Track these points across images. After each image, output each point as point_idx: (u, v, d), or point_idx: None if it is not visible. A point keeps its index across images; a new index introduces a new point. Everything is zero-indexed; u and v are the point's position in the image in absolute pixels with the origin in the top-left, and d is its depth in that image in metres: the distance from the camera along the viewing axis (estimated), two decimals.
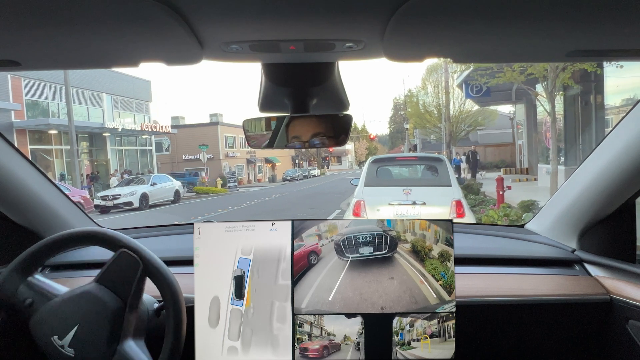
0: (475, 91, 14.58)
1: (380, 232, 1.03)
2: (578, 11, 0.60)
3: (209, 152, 30.48)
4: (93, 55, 0.77)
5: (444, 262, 1.02)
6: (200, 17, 0.63)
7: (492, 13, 0.61)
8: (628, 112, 1.09)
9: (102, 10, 0.59)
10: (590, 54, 0.79)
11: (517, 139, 21.51)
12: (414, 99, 28.08)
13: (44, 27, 0.63)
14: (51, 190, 1.39)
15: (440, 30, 0.67)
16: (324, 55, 0.85)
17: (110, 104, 23.45)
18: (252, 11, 0.62)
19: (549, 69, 6.79)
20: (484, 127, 28.82)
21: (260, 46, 0.76)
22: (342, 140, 0.98)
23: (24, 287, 0.94)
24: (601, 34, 0.69)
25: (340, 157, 58.96)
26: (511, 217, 7.01)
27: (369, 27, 0.68)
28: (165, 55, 0.77)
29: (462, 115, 25.72)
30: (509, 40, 0.72)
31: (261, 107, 1.06)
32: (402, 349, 1.02)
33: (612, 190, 1.17)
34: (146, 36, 0.68)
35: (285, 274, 1.02)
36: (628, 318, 1.10)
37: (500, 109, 28.00)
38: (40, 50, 0.73)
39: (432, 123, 26.73)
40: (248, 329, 1.01)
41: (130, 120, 24.46)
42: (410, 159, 6.81)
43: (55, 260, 1.40)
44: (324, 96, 1.01)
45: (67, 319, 0.89)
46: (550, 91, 6.88)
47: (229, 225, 1.03)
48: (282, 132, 0.97)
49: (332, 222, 1.04)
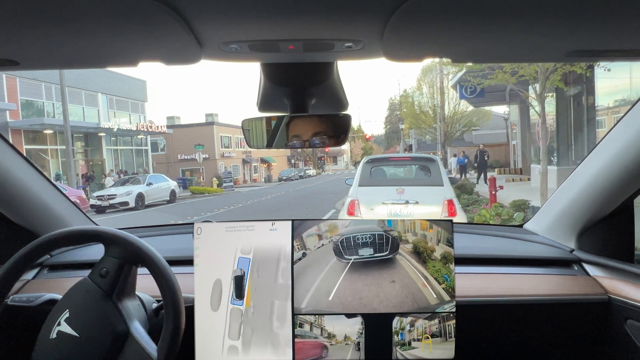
0: (470, 92, 14.61)
1: (382, 232, 1.01)
2: (576, 12, 0.61)
3: (205, 152, 30.32)
4: (92, 54, 0.77)
5: (447, 264, 1.00)
6: (199, 16, 0.63)
7: (491, 13, 0.61)
8: (626, 112, 1.09)
9: (101, 9, 0.58)
10: (588, 54, 0.79)
11: (511, 139, 21.64)
12: (410, 99, 28.24)
13: (42, 27, 0.63)
14: (49, 189, 1.38)
15: (439, 30, 0.67)
16: (323, 55, 0.85)
17: (105, 103, 23.38)
18: (251, 11, 0.62)
19: (539, 71, 6.91)
20: (479, 127, 28.94)
21: (260, 46, 0.76)
22: (342, 140, 0.97)
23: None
24: (599, 34, 0.69)
25: (336, 157, 59.03)
26: (503, 216, 7.16)
27: (368, 27, 0.68)
28: (164, 55, 0.77)
29: (457, 116, 25.84)
30: (507, 40, 0.73)
31: (260, 107, 1.06)
32: (402, 349, 1.01)
33: (610, 190, 1.17)
34: (145, 36, 0.68)
35: (285, 273, 1.01)
36: (626, 318, 1.10)
37: (494, 110, 28.15)
38: (39, 49, 0.72)
39: (428, 123, 26.83)
40: (248, 329, 1.01)
41: (125, 120, 24.38)
42: (403, 159, 6.94)
43: (53, 260, 1.39)
44: (323, 96, 1.01)
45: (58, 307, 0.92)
46: (539, 93, 7.00)
47: (229, 225, 1.03)
48: (282, 132, 0.97)
49: (333, 222, 1.03)
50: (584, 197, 1.25)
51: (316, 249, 1.01)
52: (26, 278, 1.32)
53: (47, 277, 1.35)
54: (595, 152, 1.21)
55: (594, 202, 1.23)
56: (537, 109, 7.50)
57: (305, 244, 1.02)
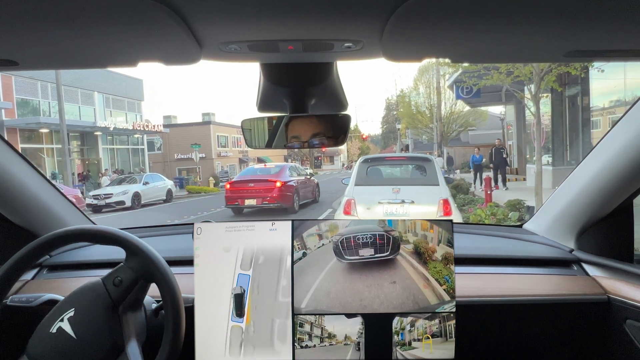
0: (466, 92, 14.60)
1: (382, 232, 1.00)
2: (576, 12, 0.61)
3: (202, 152, 30.26)
4: (91, 55, 0.77)
5: (447, 265, 1.00)
6: (198, 17, 0.63)
7: (491, 13, 0.61)
8: (626, 112, 1.08)
9: (101, 10, 0.58)
10: (588, 54, 0.79)
11: (507, 139, 21.72)
12: (406, 99, 28.24)
13: (42, 27, 0.63)
14: (48, 189, 1.37)
15: (439, 31, 0.67)
16: (323, 55, 0.85)
17: (102, 102, 23.27)
18: (251, 11, 0.62)
19: (534, 72, 6.96)
20: (475, 127, 28.98)
21: (259, 46, 0.76)
22: (341, 140, 0.97)
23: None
24: (599, 35, 0.69)
25: (333, 156, 59.00)
26: (498, 215, 7.22)
27: (367, 27, 0.68)
28: (163, 55, 0.77)
29: (453, 116, 25.87)
30: (507, 41, 0.73)
31: (260, 107, 1.05)
32: (402, 349, 1.00)
33: (610, 190, 1.17)
34: (144, 36, 0.68)
35: (286, 274, 1.01)
36: (626, 317, 1.10)
37: (491, 110, 28.19)
38: (39, 50, 0.72)
39: (424, 123, 26.85)
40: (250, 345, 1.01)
41: (122, 119, 24.29)
42: (399, 158, 6.99)
43: (52, 260, 1.39)
44: (322, 96, 1.01)
45: (65, 303, 0.92)
46: (534, 93, 7.05)
47: (229, 225, 1.03)
48: (281, 132, 0.96)
49: (333, 222, 1.02)
50: (584, 197, 1.24)
51: (316, 248, 1.01)
52: (25, 278, 1.32)
53: (47, 278, 1.35)
54: (594, 151, 1.20)
55: (593, 202, 1.23)
56: (532, 109, 7.54)
57: (305, 244, 1.01)
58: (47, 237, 0.93)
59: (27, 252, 0.92)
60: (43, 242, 0.92)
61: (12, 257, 0.91)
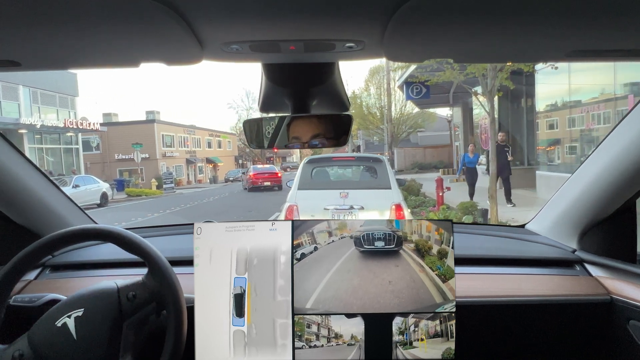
0: (416, 93, 14.82)
1: (390, 232, 1.09)
2: (578, 11, 0.61)
3: (145, 152, 29.13)
4: (93, 55, 0.78)
5: (442, 258, 1.07)
6: (200, 17, 0.63)
7: (493, 13, 0.61)
8: (629, 112, 1.09)
9: (103, 10, 0.59)
10: (589, 54, 0.80)
11: (454, 140, 22.24)
12: (358, 100, 28.36)
13: (44, 28, 0.63)
14: (50, 188, 1.39)
15: (441, 31, 0.68)
16: (325, 56, 0.86)
17: (28, 97, 21.36)
18: (253, 11, 0.62)
19: (488, 68, 6.76)
20: (424, 129, 29.84)
21: (261, 46, 0.76)
22: (343, 140, 0.98)
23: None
24: (601, 35, 0.70)
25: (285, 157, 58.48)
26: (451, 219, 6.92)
27: (369, 28, 0.68)
28: (165, 55, 0.78)
29: (403, 117, 26.45)
30: (508, 41, 0.74)
31: (262, 107, 1.07)
32: (402, 349, 1.04)
33: (612, 190, 1.18)
34: (146, 37, 0.69)
35: (285, 274, 1.04)
36: (629, 318, 1.10)
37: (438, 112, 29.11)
38: (41, 50, 0.73)
39: (375, 124, 27.20)
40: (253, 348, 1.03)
41: (53, 116, 22.57)
42: (348, 159, 6.41)
43: (55, 260, 1.40)
44: (324, 96, 1.02)
45: (78, 300, 0.93)
46: (489, 90, 6.84)
47: (229, 225, 1.06)
48: (283, 132, 0.96)
49: (342, 221, 1.10)
50: (586, 197, 1.25)
51: (326, 244, 1.07)
52: (28, 278, 1.33)
53: (50, 278, 1.35)
54: (597, 151, 1.21)
55: (596, 202, 1.23)
56: (486, 107, 7.34)
57: (316, 239, 1.07)
58: (50, 238, 0.95)
59: (30, 252, 0.94)
60: (46, 242, 0.95)
61: (15, 257, 0.93)
